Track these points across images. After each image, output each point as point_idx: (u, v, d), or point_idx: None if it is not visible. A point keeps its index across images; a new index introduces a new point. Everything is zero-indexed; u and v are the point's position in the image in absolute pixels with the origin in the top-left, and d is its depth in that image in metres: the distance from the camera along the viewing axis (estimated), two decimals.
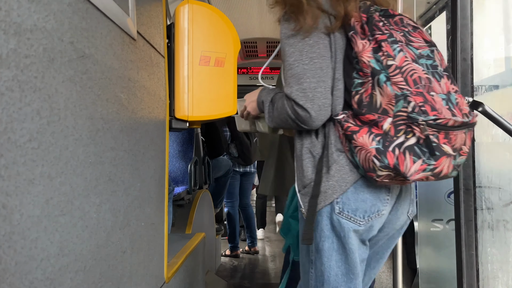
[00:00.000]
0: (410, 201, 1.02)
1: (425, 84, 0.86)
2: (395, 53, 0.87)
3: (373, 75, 0.88)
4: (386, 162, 0.85)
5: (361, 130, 0.88)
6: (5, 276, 0.38)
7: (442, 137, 0.86)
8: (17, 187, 0.40)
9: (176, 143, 2.84)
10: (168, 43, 1.06)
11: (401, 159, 0.85)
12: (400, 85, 0.84)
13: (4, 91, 0.38)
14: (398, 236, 1.06)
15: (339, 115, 0.92)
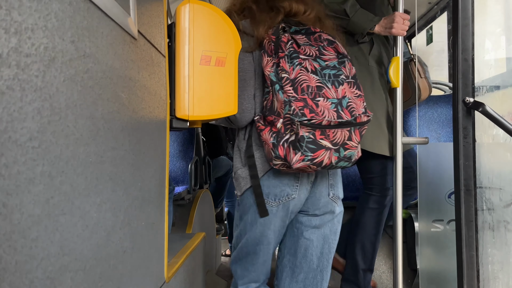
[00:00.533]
0: (329, 185, 1.24)
1: (312, 91, 1.07)
2: (293, 67, 1.08)
3: (272, 85, 1.09)
4: (277, 153, 1.08)
5: (265, 128, 1.11)
6: (5, 275, 0.38)
7: (319, 134, 1.07)
8: (17, 186, 0.39)
9: (176, 142, 2.84)
10: (169, 43, 1.06)
11: (287, 152, 1.07)
12: (289, 93, 1.05)
13: (5, 90, 0.38)
14: (331, 217, 1.26)
15: (256, 117, 1.16)
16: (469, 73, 1.30)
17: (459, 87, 1.30)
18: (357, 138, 1.12)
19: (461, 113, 1.30)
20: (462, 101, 1.29)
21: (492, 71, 1.39)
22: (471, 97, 1.29)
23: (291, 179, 1.20)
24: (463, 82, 1.30)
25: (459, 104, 1.30)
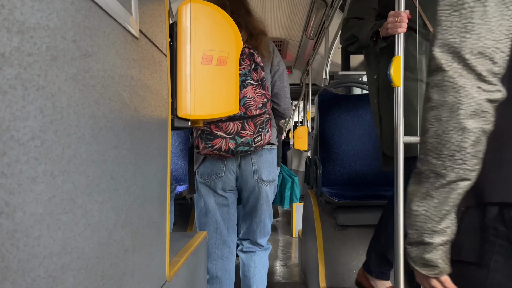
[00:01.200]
0: (253, 170, 1.64)
1: None
2: None
3: None
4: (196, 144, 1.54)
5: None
6: (8, 274, 0.38)
7: (214, 127, 1.46)
8: (20, 185, 0.40)
9: (178, 141, 2.85)
10: (171, 42, 1.06)
11: (199, 142, 1.51)
12: None
13: (7, 89, 0.38)
14: (259, 195, 1.70)
15: None
16: None
17: None
18: (251, 127, 1.47)
19: None
20: None
21: None
22: None
23: (218, 162, 1.64)
24: None
25: None
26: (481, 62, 0.55)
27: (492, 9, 0.54)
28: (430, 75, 0.60)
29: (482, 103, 0.56)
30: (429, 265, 0.65)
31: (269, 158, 1.67)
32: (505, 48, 0.55)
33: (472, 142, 0.58)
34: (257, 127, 1.48)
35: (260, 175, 1.65)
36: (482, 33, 0.55)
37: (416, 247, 0.67)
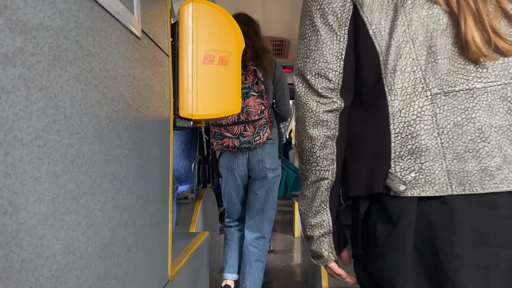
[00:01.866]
0: (258, 161, 2.09)
1: None
2: None
3: None
4: (211, 142, 2.03)
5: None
6: (11, 274, 0.38)
7: (223, 129, 1.94)
8: (23, 184, 0.40)
9: (180, 141, 2.85)
10: (173, 42, 1.06)
11: (213, 141, 2.00)
12: None
13: (11, 89, 0.38)
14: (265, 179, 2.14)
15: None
16: None
17: None
18: (251, 129, 1.94)
19: None
20: None
21: None
22: None
23: (231, 156, 2.12)
24: None
25: None
26: (319, 81, 0.68)
27: (323, 37, 0.67)
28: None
29: (321, 115, 0.68)
30: (317, 255, 0.75)
31: (271, 150, 2.11)
32: (338, 68, 0.67)
33: (319, 147, 0.70)
34: (256, 129, 1.95)
35: (264, 164, 2.10)
36: (316, 58, 0.68)
37: (308, 242, 0.76)
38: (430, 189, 0.61)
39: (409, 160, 0.63)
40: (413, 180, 0.62)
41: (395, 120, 0.64)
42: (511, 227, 0.59)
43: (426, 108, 0.63)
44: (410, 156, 0.63)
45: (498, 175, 0.60)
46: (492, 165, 0.61)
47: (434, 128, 0.63)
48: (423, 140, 0.63)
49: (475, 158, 0.61)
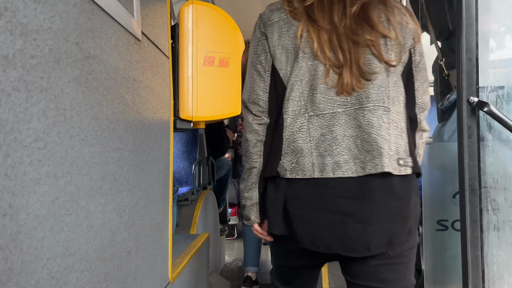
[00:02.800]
0: None
1: None
2: None
3: None
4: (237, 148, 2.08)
5: None
6: (12, 276, 0.38)
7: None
8: (23, 186, 0.40)
9: (180, 143, 2.85)
10: (173, 44, 1.06)
11: (238, 147, 2.20)
12: None
13: (11, 91, 0.38)
14: None
15: None
16: (473, 73, 1.29)
17: (463, 87, 1.30)
18: None
19: (466, 112, 1.30)
20: (467, 101, 1.29)
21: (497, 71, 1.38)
22: (475, 96, 1.28)
23: None
24: (467, 82, 1.29)
25: (464, 104, 1.29)
26: (253, 107, 1.01)
27: (255, 79, 1.00)
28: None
29: (254, 126, 1.03)
30: (247, 218, 1.07)
31: None
32: (265, 98, 1.00)
33: (251, 146, 1.03)
34: None
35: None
36: (252, 92, 1.00)
37: (242, 209, 1.10)
38: (301, 174, 0.96)
39: (291, 156, 0.98)
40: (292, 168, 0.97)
41: (286, 130, 0.98)
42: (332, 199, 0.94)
43: (304, 124, 0.98)
44: (291, 153, 0.98)
45: (344, 166, 0.94)
46: (341, 160, 0.95)
47: (307, 136, 0.98)
48: (299, 144, 0.98)
49: (331, 156, 0.95)
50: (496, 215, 1.31)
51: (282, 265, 1.16)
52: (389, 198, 0.94)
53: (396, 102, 0.98)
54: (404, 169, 0.95)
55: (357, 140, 0.95)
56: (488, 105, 1.26)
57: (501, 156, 1.33)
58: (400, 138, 0.98)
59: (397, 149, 0.96)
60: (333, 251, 0.97)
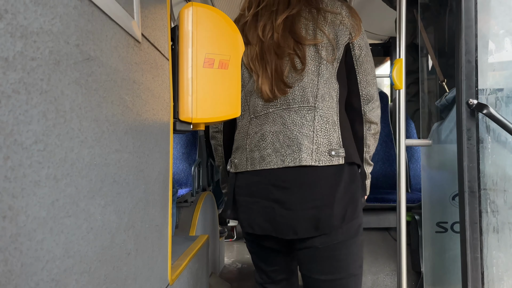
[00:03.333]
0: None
1: None
2: None
3: None
4: None
5: None
6: (11, 278, 0.38)
7: None
8: (23, 188, 0.40)
9: (180, 145, 2.85)
10: (172, 46, 1.06)
11: None
12: None
13: (11, 93, 0.38)
14: None
15: None
16: (472, 75, 1.30)
17: (463, 89, 1.30)
18: None
19: (465, 114, 1.30)
20: (466, 103, 1.29)
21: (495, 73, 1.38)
22: (474, 99, 1.28)
23: None
24: (466, 84, 1.30)
25: (463, 106, 1.30)
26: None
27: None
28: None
29: (212, 133, 1.27)
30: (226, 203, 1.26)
31: None
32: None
33: (214, 150, 1.29)
34: None
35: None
36: None
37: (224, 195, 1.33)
38: (240, 168, 1.12)
39: (235, 153, 1.15)
40: (236, 164, 1.15)
41: (237, 131, 1.18)
42: (265, 188, 1.08)
43: (245, 125, 1.15)
44: (236, 150, 1.16)
45: (267, 159, 1.08)
46: (265, 154, 1.08)
47: (245, 135, 1.14)
48: (239, 143, 1.14)
49: (258, 150, 1.10)
50: (496, 217, 1.31)
51: (251, 252, 1.33)
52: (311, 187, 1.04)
53: (327, 98, 1.07)
54: (336, 159, 1.05)
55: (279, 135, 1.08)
56: (488, 107, 1.26)
57: (501, 158, 1.33)
58: (333, 131, 1.07)
59: (329, 141, 1.06)
60: (266, 233, 1.11)
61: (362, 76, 1.11)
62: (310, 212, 1.04)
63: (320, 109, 1.07)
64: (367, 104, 1.12)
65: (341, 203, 1.05)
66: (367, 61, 1.11)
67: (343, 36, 1.08)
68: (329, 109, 1.07)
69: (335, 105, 1.08)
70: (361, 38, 1.10)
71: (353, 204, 1.08)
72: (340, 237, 1.07)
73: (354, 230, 1.09)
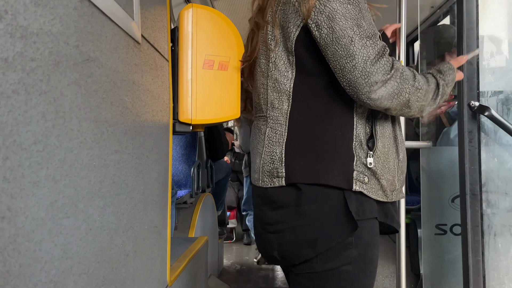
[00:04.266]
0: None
1: None
2: None
3: None
4: None
5: None
6: (9, 279, 0.38)
7: None
8: (22, 189, 0.40)
9: (179, 146, 2.84)
10: (172, 47, 1.06)
11: None
12: None
13: (10, 94, 0.38)
14: None
15: None
16: (474, 77, 1.30)
17: (464, 91, 1.30)
18: None
19: (466, 117, 1.30)
20: (468, 105, 1.29)
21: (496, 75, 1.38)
22: (476, 101, 1.28)
23: None
24: (468, 86, 1.30)
25: (465, 108, 1.30)
26: None
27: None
28: None
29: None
30: None
31: None
32: None
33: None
34: None
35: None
36: None
37: None
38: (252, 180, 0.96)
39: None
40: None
41: None
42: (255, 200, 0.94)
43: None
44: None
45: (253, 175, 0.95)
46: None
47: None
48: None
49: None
50: (497, 219, 1.31)
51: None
52: (272, 209, 0.88)
53: (276, 104, 0.86)
54: (277, 180, 0.85)
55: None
56: (489, 109, 1.26)
57: (502, 160, 1.33)
58: (277, 145, 0.86)
59: (272, 158, 0.86)
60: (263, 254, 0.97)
61: (333, 62, 0.80)
62: (273, 236, 0.89)
63: (270, 119, 0.87)
64: (357, 95, 0.80)
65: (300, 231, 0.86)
66: (335, 40, 0.78)
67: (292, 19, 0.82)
68: (278, 118, 0.86)
69: (285, 112, 0.86)
70: (317, 12, 0.78)
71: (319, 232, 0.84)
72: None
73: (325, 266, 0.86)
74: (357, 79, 0.78)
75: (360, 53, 0.77)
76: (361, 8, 0.80)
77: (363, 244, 0.85)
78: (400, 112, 0.85)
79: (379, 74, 0.78)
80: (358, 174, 0.83)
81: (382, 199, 0.85)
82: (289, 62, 0.85)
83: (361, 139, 0.84)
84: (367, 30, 0.79)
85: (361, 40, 0.78)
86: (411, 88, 0.81)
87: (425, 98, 0.84)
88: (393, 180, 0.87)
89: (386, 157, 0.86)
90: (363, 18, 0.79)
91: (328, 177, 0.82)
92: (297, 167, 0.84)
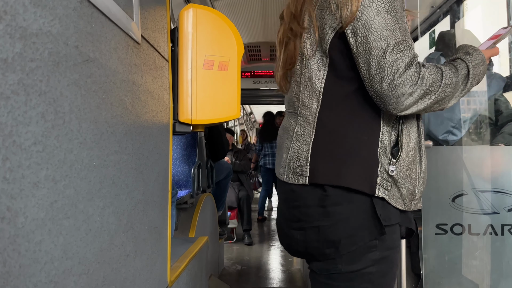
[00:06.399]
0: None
1: None
2: None
3: None
4: None
5: None
6: (9, 279, 0.38)
7: None
8: (21, 190, 0.40)
9: (179, 146, 2.84)
10: (172, 47, 1.07)
11: None
12: None
13: (10, 94, 0.38)
14: None
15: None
16: None
17: None
18: None
19: None
20: None
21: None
22: None
23: None
24: None
25: None
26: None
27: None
28: None
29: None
30: None
31: None
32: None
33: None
34: None
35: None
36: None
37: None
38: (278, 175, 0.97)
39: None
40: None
41: None
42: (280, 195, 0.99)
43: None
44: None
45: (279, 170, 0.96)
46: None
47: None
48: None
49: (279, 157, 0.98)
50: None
51: None
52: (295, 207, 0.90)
53: (306, 102, 0.88)
54: (301, 178, 0.87)
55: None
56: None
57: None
58: (304, 143, 0.87)
59: (298, 156, 0.88)
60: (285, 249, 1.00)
61: (363, 71, 0.81)
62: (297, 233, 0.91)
63: (300, 116, 0.89)
64: (385, 105, 0.80)
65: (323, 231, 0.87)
66: (368, 50, 0.78)
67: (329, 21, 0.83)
68: (307, 116, 0.88)
69: (314, 112, 0.87)
70: (355, 19, 0.78)
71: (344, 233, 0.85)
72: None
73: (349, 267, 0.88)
74: (384, 91, 0.78)
75: (390, 66, 0.77)
76: (398, 18, 0.79)
77: (386, 247, 0.86)
78: (429, 110, 0.85)
79: (406, 86, 0.77)
80: (382, 180, 0.83)
81: (400, 207, 0.86)
82: (322, 63, 0.86)
83: (386, 146, 0.84)
84: (401, 42, 0.78)
85: (393, 54, 0.77)
86: (439, 89, 0.81)
87: (454, 90, 0.84)
88: (413, 190, 0.87)
89: (408, 166, 0.86)
90: (398, 29, 0.78)
91: (351, 181, 0.83)
92: (322, 168, 0.85)
